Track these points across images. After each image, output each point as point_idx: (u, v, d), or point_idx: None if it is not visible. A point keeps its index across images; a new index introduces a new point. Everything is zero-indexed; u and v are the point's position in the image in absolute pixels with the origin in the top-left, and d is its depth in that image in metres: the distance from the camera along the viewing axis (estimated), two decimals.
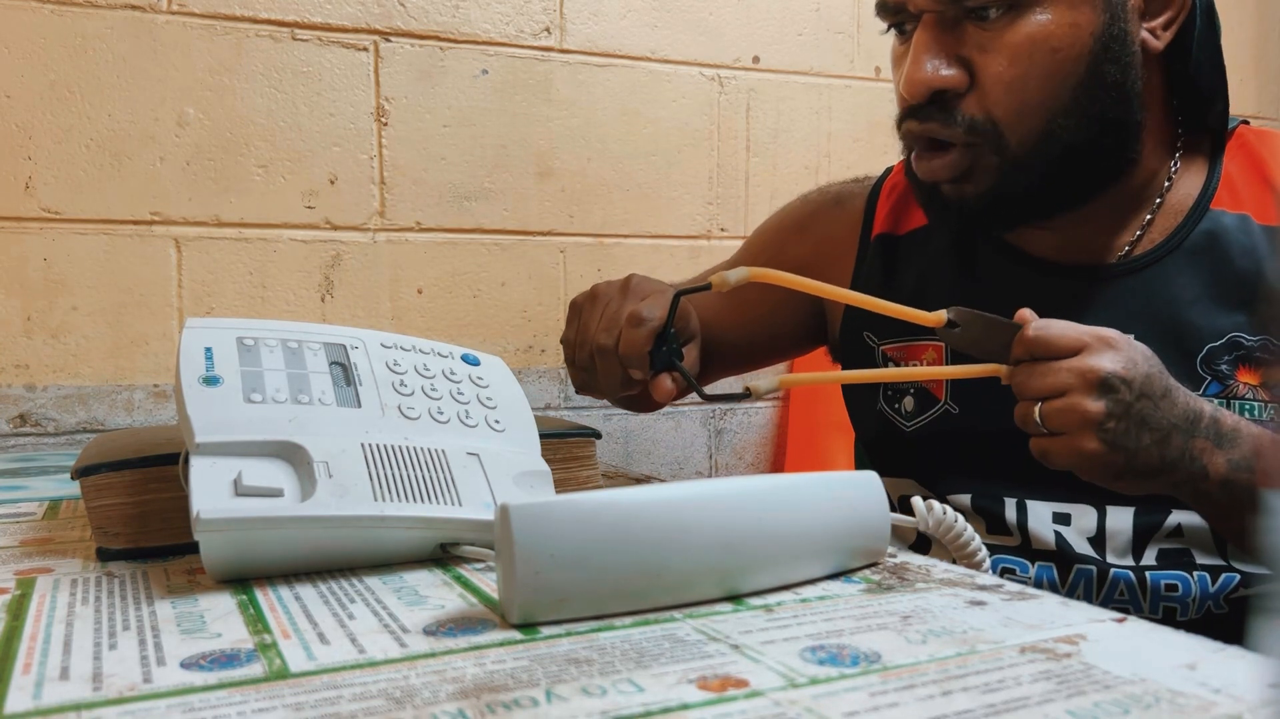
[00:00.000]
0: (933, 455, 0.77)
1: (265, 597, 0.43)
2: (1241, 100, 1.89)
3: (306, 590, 0.44)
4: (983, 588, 0.43)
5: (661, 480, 0.71)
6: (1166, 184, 0.74)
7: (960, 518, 0.54)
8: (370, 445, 0.50)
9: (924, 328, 0.77)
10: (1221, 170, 0.74)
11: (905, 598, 0.42)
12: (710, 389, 0.74)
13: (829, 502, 0.46)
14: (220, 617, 0.40)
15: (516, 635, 0.37)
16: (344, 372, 0.54)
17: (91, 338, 1.19)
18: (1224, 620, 0.69)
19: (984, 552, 0.54)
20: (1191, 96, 0.74)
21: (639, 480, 0.79)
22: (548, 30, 1.38)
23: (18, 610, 0.41)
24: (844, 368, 0.87)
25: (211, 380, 0.50)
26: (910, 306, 0.77)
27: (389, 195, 1.31)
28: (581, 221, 1.42)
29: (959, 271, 0.78)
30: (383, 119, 1.30)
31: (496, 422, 0.57)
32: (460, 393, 0.57)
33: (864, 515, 0.47)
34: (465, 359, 0.61)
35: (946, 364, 0.77)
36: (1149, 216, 0.74)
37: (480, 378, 0.60)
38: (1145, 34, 0.69)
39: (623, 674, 0.33)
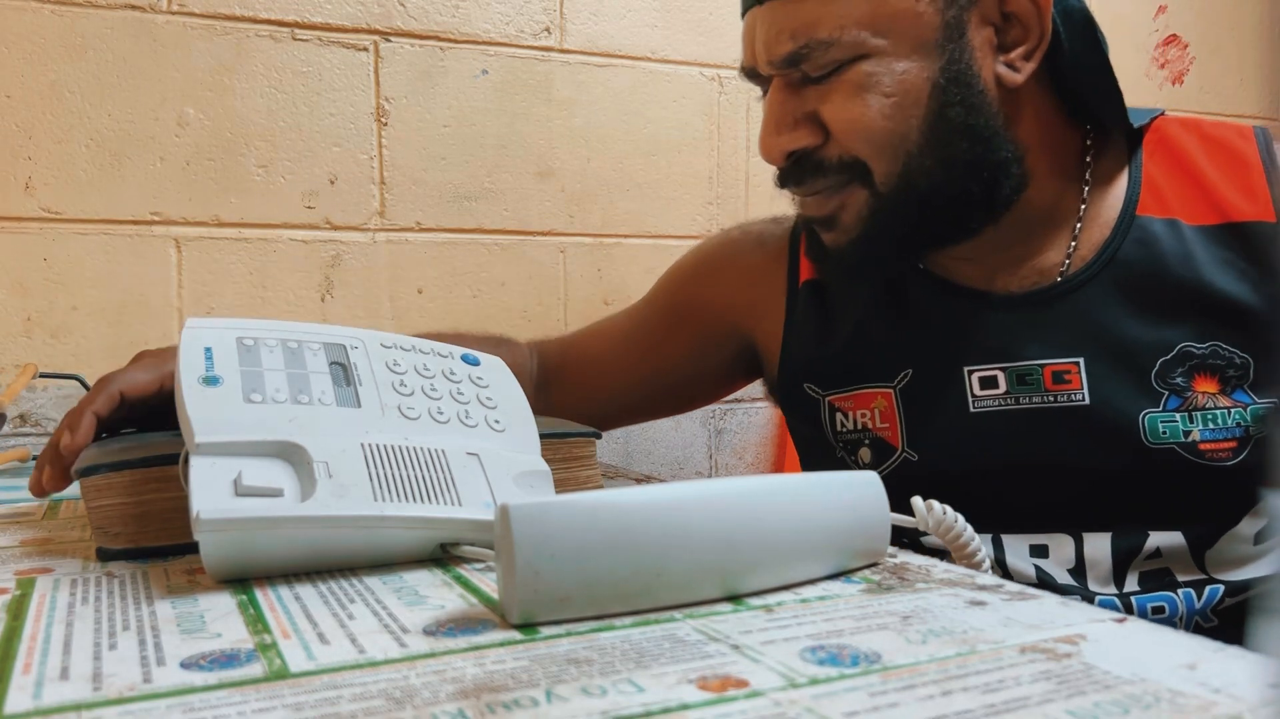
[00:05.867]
0: (898, 502, 0.76)
1: (265, 597, 0.43)
2: (1242, 100, 1.89)
3: (306, 590, 0.44)
4: (983, 588, 0.43)
5: (661, 480, 0.71)
6: (1083, 200, 0.73)
7: (960, 518, 0.53)
8: (370, 445, 0.50)
9: (878, 373, 0.76)
10: (1142, 173, 0.72)
11: (905, 598, 0.42)
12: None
13: (829, 502, 0.46)
14: (220, 617, 0.40)
15: (516, 635, 0.37)
16: (344, 371, 0.54)
17: (91, 338, 1.19)
18: (1213, 633, 0.68)
19: (984, 552, 0.54)
20: (1090, 109, 0.73)
21: (639, 480, 0.79)
22: (548, 30, 1.38)
23: (18, 610, 0.41)
24: (789, 418, 0.86)
25: (211, 380, 0.50)
26: (850, 353, 0.77)
27: (389, 195, 1.31)
28: (581, 221, 1.42)
29: (897, 313, 0.77)
30: (383, 119, 1.30)
31: (496, 422, 0.57)
32: (460, 393, 0.57)
33: (864, 515, 0.47)
34: (465, 359, 0.61)
35: (898, 412, 0.75)
36: (1074, 234, 0.72)
37: (480, 378, 0.60)
38: (1002, 69, 0.68)
39: (623, 674, 0.33)
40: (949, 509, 0.53)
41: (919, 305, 0.76)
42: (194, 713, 0.30)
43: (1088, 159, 0.74)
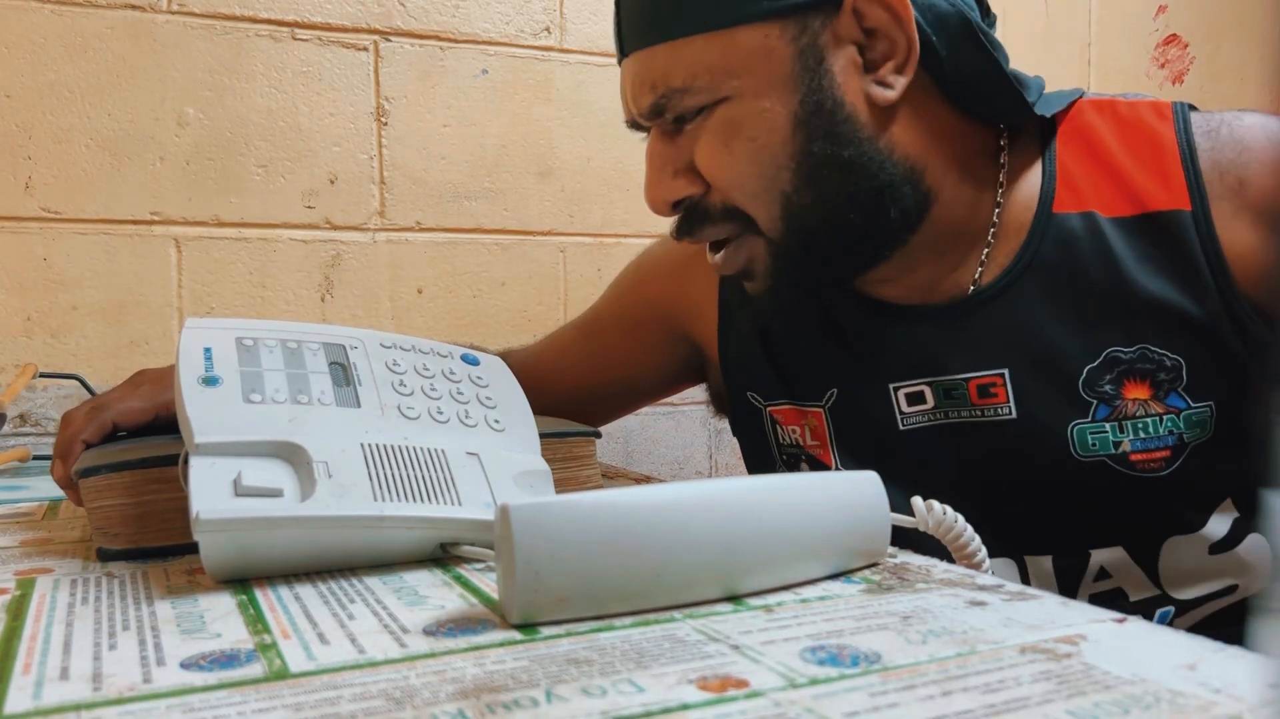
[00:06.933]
0: None
1: (265, 597, 0.43)
2: (1242, 100, 1.89)
3: (306, 590, 0.44)
4: (983, 588, 0.43)
5: (661, 480, 0.71)
6: (997, 202, 0.69)
7: (960, 518, 0.53)
8: (370, 445, 0.50)
9: (807, 392, 0.75)
10: (1056, 166, 0.68)
11: (905, 598, 0.42)
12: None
13: (829, 502, 0.46)
14: (220, 617, 0.40)
15: (516, 635, 0.37)
16: (343, 371, 0.54)
17: (91, 338, 1.19)
18: None
19: (984, 552, 0.54)
20: (991, 110, 0.69)
21: (639, 480, 0.79)
22: (548, 30, 1.38)
23: (18, 610, 0.41)
24: (734, 424, 0.85)
25: (211, 380, 0.50)
26: (793, 377, 0.76)
27: (389, 195, 1.31)
28: (581, 221, 1.42)
29: (820, 332, 0.75)
30: (383, 119, 1.30)
31: (496, 421, 0.57)
32: (460, 393, 0.57)
33: (864, 515, 0.47)
34: (465, 359, 0.61)
35: (828, 431, 0.74)
36: (989, 239, 0.69)
37: (480, 377, 0.60)
38: (873, 88, 0.64)
39: (623, 674, 0.33)
40: (949, 509, 0.53)
41: (841, 324, 0.74)
42: (194, 713, 0.30)
43: (1001, 160, 0.70)
